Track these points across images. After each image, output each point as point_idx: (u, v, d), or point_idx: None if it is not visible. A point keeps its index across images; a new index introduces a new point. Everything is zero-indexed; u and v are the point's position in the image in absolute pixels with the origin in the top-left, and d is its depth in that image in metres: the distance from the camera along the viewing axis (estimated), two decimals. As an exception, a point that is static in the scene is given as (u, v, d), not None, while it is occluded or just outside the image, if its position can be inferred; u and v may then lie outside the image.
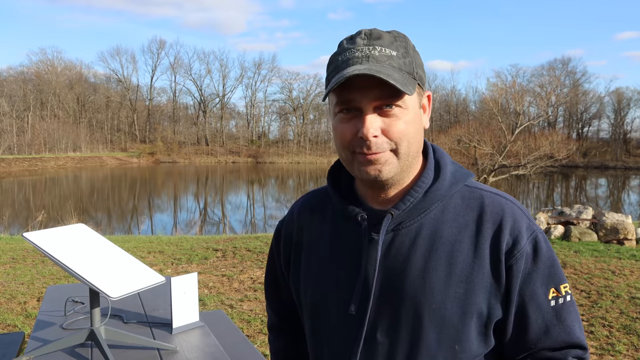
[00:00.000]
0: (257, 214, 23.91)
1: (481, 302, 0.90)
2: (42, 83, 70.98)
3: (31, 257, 7.54)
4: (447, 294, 0.90)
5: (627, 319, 4.86)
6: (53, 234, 1.95)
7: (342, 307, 0.96)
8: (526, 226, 0.93)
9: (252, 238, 9.54)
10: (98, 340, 1.85)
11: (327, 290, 1.00)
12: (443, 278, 0.90)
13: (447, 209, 0.94)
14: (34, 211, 19.76)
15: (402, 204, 0.94)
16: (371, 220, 0.95)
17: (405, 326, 0.91)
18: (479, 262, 0.90)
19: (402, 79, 0.86)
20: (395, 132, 0.88)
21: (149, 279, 1.89)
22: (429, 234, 0.93)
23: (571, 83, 70.46)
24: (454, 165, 0.99)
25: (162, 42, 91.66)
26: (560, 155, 22.35)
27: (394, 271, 0.93)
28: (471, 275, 0.90)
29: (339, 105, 0.90)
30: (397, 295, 0.92)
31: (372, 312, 0.93)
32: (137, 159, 67.00)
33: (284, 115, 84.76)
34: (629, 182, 44.76)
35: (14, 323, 4.63)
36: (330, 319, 0.99)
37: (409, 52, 0.91)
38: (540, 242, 0.93)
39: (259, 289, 5.86)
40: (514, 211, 0.93)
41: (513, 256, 0.91)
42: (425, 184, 0.95)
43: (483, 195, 0.95)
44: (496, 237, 0.91)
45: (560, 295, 0.93)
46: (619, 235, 8.99)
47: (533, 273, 0.92)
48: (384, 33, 0.91)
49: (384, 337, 0.93)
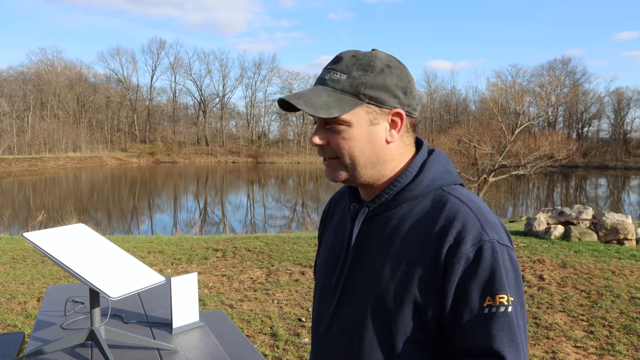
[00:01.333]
0: (257, 214, 23.91)
1: (417, 292, 0.99)
2: (42, 83, 70.98)
3: (31, 257, 7.54)
4: (390, 282, 1.02)
5: (627, 319, 4.86)
6: (53, 234, 1.95)
7: (329, 278, 1.16)
8: (475, 234, 0.98)
9: (252, 238, 9.55)
10: (98, 340, 1.85)
11: (324, 263, 1.21)
12: (390, 269, 1.02)
13: (415, 208, 1.05)
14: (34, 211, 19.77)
15: (378, 199, 1.08)
16: (358, 211, 1.12)
17: (357, 304, 1.07)
18: (422, 258, 1.00)
19: (331, 102, 1.00)
20: (334, 145, 1.04)
21: (149, 279, 1.89)
22: (392, 228, 1.06)
23: (571, 83, 70.56)
24: (440, 172, 1.08)
25: (162, 42, 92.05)
26: (560, 156, 22.34)
27: (359, 256, 1.09)
28: (412, 269, 1.00)
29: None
30: (358, 278, 1.08)
31: (343, 286, 1.10)
32: (137, 159, 67.03)
33: (284, 116, 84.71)
34: (628, 182, 44.76)
35: (14, 323, 4.63)
36: (321, 285, 1.20)
37: (368, 73, 1.02)
38: (485, 250, 0.97)
39: (259, 289, 5.86)
40: (467, 217, 0.99)
41: (453, 257, 0.97)
42: (400, 184, 1.07)
43: (449, 199, 1.04)
44: (441, 237, 0.99)
45: (494, 305, 0.96)
46: (619, 235, 8.99)
47: (471, 278, 0.97)
48: (347, 56, 1.04)
49: (346, 308, 1.09)
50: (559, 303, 5.40)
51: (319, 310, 1.19)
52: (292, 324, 4.69)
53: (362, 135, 1.04)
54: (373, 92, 1.03)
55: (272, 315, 4.88)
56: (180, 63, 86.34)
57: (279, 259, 7.40)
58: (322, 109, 0.99)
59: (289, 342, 4.24)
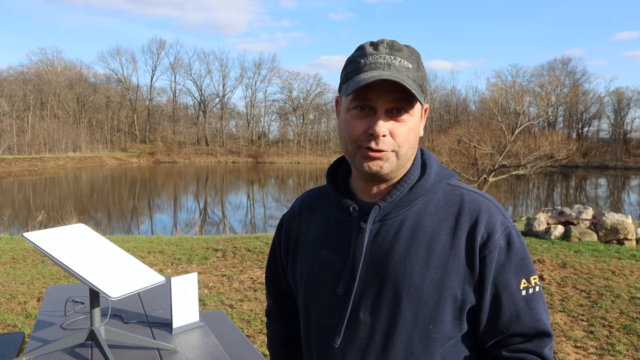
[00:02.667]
0: (257, 214, 23.92)
1: (455, 287, 0.99)
2: (42, 83, 70.97)
3: (31, 257, 7.54)
4: (424, 278, 0.99)
5: (627, 319, 4.85)
6: (53, 234, 1.95)
7: (331, 288, 1.07)
8: (500, 222, 1.03)
9: (252, 238, 9.54)
10: (98, 340, 1.85)
11: (319, 273, 1.11)
12: (422, 264, 1.00)
13: (430, 203, 1.05)
14: (33, 211, 19.77)
15: (389, 197, 1.05)
16: (361, 211, 1.07)
17: (385, 306, 1.01)
18: (455, 251, 1.00)
19: (417, 89, 0.98)
20: (400, 135, 1.00)
21: (149, 279, 1.89)
22: (412, 225, 1.03)
23: (571, 83, 70.54)
24: (439, 166, 1.11)
25: (162, 42, 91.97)
26: (560, 155, 22.33)
27: (378, 257, 1.04)
28: (447, 263, 0.99)
29: (355, 102, 0.99)
30: (380, 278, 1.02)
31: (357, 293, 1.04)
32: (137, 159, 67.02)
33: (284, 115, 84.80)
34: (629, 182, 44.76)
35: (14, 323, 4.63)
36: (320, 299, 1.10)
37: (420, 68, 1.02)
38: (513, 236, 1.03)
39: (259, 289, 5.86)
40: (490, 208, 1.03)
41: (487, 248, 1.00)
42: (411, 180, 1.06)
43: (463, 193, 1.06)
44: (472, 229, 1.01)
45: (530, 286, 1.02)
46: (619, 235, 8.99)
47: (506, 264, 1.01)
48: (403, 46, 1.02)
49: (366, 316, 1.03)
50: (559, 303, 5.40)
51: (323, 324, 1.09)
52: (292, 324, 4.69)
53: (417, 127, 1.05)
54: (427, 86, 1.05)
55: (272, 315, 4.88)
56: (180, 63, 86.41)
57: (279, 259, 7.40)
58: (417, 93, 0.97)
59: (289, 342, 4.23)
